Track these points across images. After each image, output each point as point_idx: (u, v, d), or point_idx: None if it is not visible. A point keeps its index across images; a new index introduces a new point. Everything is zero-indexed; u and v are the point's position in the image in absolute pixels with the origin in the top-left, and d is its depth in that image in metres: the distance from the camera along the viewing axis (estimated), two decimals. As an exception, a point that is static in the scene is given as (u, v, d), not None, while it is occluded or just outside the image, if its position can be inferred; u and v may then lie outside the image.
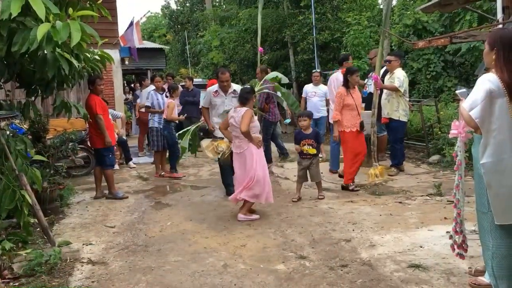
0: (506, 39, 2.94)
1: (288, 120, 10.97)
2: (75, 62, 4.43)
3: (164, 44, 28.08)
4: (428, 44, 5.62)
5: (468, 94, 3.27)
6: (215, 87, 6.75)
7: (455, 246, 3.81)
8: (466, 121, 3.08)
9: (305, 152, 6.23)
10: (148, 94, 8.79)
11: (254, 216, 5.48)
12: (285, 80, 7.52)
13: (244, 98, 5.53)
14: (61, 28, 3.69)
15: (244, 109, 5.45)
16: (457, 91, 3.44)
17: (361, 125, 6.55)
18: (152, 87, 9.44)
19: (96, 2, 5.51)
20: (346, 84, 6.59)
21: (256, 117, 5.77)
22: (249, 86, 6.04)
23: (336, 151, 7.72)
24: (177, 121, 8.33)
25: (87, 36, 3.93)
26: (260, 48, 8.18)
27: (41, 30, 3.61)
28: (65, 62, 4.30)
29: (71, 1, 5.23)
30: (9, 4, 3.70)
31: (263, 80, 7.43)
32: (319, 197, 6.23)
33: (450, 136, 3.48)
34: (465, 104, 3.00)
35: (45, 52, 4.12)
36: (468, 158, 7.40)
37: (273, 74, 7.41)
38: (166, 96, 8.43)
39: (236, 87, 6.69)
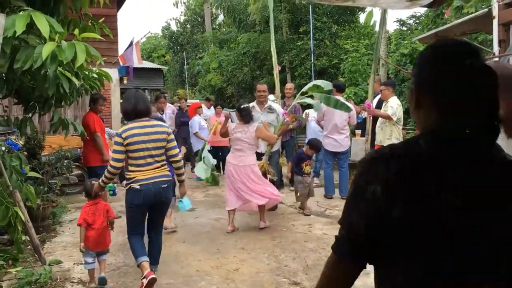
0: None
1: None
2: (75, 80, 4.45)
3: (162, 65, 28.31)
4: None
5: None
6: (252, 103, 6.92)
7: None
8: None
9: (305, 172, 6.74)
10: None
11: (266, 224, 6.00)
12: (327, 86, 7.00)
13: (249, 117, 5.97)
14: (66, 48, 3.73)
15: (255, 124, 5.97)
16: None
17: None
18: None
19: (98, 21, 5.60)
20: None
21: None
22: (248, 105, 6.26)
23: (331, 176, 7.73)
24: None
25: (90, 56, 3.97)
26: (278, 67, 8.30)
27: (47, 49, 3.64)
28: (66, 80, 4.33)
29: (74, 19, 5.32)
30: (14, 22, 3.74)
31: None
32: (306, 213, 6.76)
33: None
34: None
35: (48, 70, 4.14)
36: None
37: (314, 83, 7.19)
38: None
39: (271, 103, 7.01)
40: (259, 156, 6.83)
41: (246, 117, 5.95)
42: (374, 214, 1.15)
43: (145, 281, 3.74)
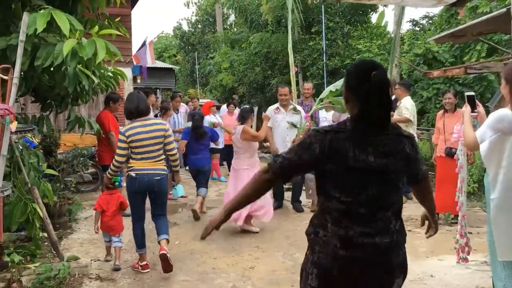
0: None
1: None
2: (94, 78, 4.50)
3: (173, 64, 28.39)
4: (443, 74, 5.67)
5: (474, 98, 3.34)
6: (276, 105, 6.94)
7: (460, 251, 3.90)
8: (466, 142, 3.14)
9: None
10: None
11: (254, 228, 5.81)
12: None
13: (242, 117, 5.90)
14: (86, 45, 3.76)
15: (241, 126, 5.82)
16: (466, 93, 3.46)
17: (447, 151, 6.03)
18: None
19: (115, 20, 5.65)
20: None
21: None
22: (248, 106, 6.28)
23: None
24: None
25: (110, 53, 4.01)
26: (294, 68, 8.27)
27: (67, 46, 3.69)
28: (85, 78, 4.38)
29: (91, 19, 5.37)
30: (35, 19, 3.79)
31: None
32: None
33: (452, 140, 3.51)
34: (477, 133, 3.02)
35: (68, 67, 4.19)
36: (477, 189, 7.37)
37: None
38: (156, 116, 8.43)
39: (296, 104, 6.95)
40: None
41: (240, 116, 5.97)
42: (310, 163, 1.94)
43: (139, 268, 4.48)
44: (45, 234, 4.92)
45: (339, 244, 1.90)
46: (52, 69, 4.46)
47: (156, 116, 8.42)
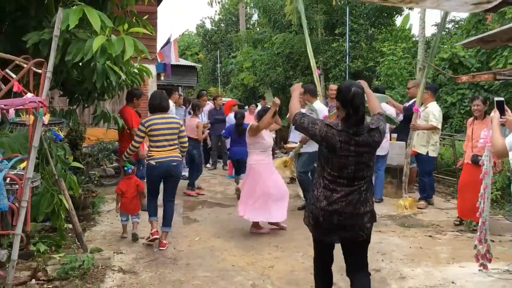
0: None
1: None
2: (122, 74, 4.57)
3: (195, 62, 28.56)
4: (472, 79, 5.58)
5: (503, 104, 3.32)
6: None
7: (479, 257, 3.89)
8: (495, 149, 3.13)
9: None
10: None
11: (264, 230, 5.83)
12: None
13: (260, 116, 5.87)
14: (115, 42, 3.83)
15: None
16: (495, 98, 3.43)
17: (472, 159, 5.82)
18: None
19: (142, 18, 5.73)
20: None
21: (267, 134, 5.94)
22: (268, 106, 6.27)
23: (381, 179, 7.57)
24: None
25: (138, 51, 4.07)
26: (317, 71, 8.20)
27: (97, 42, 3.76)
28: (113, 74, 4.46)
29: (119, 16, 5.46)
30: (67, 15, 3.88)
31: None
32: None
33: (478, 145, 3.57)
34: (507, 140, 3.00)
35: (97, 63, 4.27)
36: (500, 197, 7.25)
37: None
38: (189, 113, 8.58)
39: (316, 103, 6.76)
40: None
41: (258, 115, 5.95)
42: (310, 133, 3.07)
43: (151, 236, 5.09)
44: (69, 225, 5.04)
45: (324, 202, 3.01)
46: (81, 64, 4.57)
47: (189, 113, 8.59)
